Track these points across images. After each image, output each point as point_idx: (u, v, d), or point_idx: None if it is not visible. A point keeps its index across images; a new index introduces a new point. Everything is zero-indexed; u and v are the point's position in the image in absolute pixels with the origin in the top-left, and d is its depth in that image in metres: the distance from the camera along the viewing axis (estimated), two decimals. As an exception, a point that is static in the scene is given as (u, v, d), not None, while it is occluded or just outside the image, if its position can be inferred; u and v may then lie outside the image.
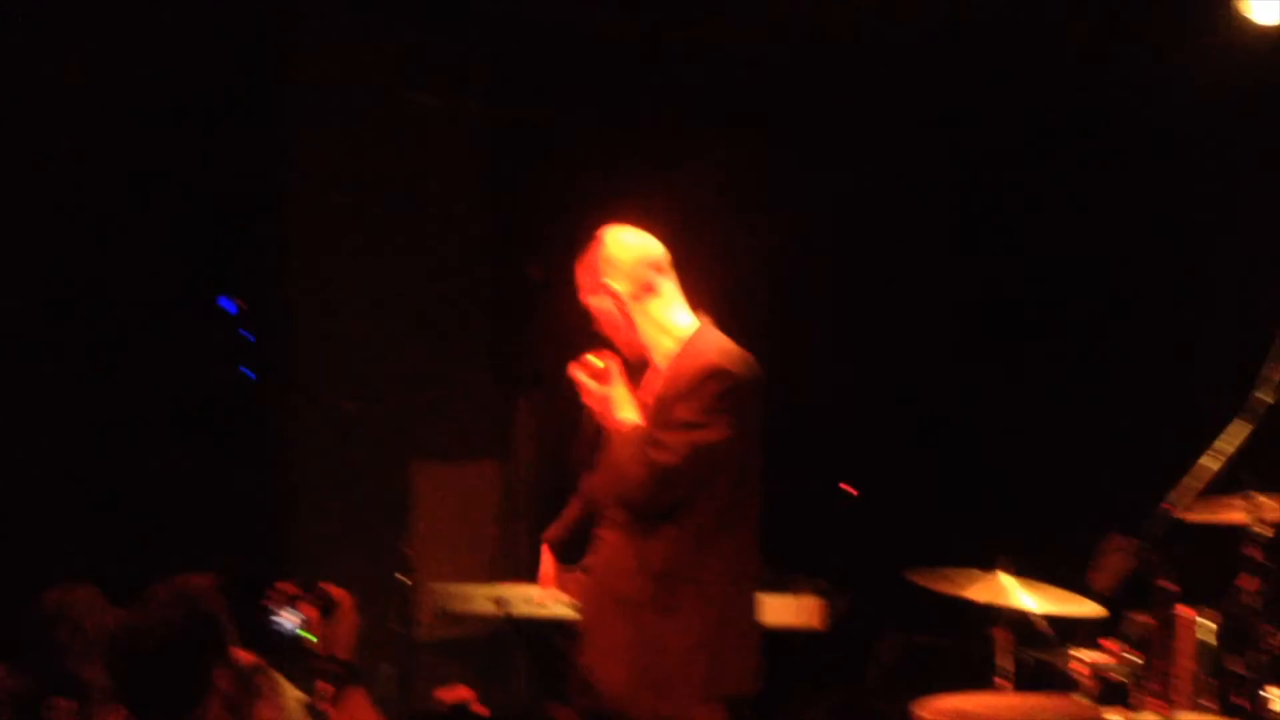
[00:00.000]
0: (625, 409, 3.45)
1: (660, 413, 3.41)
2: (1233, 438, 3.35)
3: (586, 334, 3.65)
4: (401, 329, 5.71)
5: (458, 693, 4.17)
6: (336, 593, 2.77)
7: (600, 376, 3.49)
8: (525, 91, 5.98)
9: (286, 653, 2.78)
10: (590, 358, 3.54)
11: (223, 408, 5.29)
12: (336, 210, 5.61)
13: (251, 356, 5.45)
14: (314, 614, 2.72)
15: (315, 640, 2.73)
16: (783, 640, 4.67)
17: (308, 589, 2.77)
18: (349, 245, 5.65)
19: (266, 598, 2.76)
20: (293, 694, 3.47)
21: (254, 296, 5.45)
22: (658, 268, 3.55)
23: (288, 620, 2.72)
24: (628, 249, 3.56)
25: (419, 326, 5.77)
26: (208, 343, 5.34)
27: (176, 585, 2.63)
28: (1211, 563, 3.84)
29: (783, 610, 4.77)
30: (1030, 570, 4.09)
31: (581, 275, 3.59)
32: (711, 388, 3.37)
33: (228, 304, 5.44)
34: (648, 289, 3.52)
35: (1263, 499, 3.75)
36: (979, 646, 4.10)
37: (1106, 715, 3.70)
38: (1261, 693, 3.53)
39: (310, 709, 3.19)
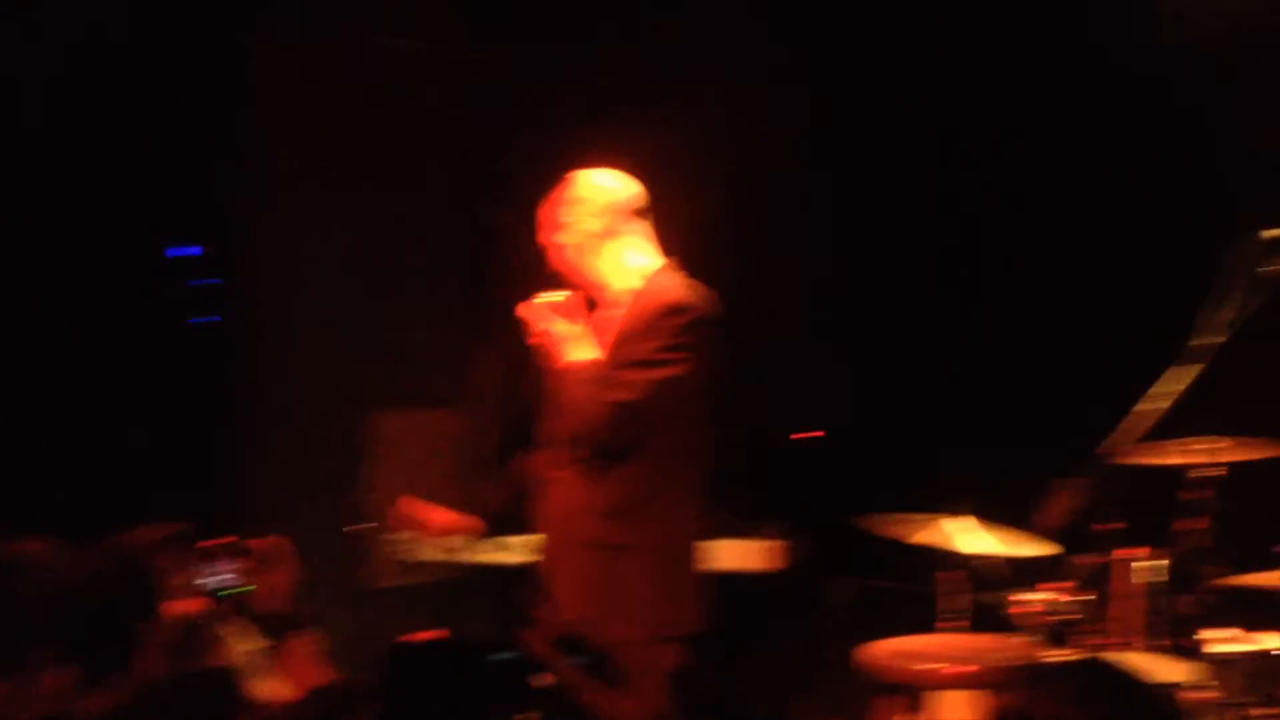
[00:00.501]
0: (579, 347, 3.44)
1: (620, 350, 3.41)
2: (1172, 382, 3.38)
3: (553, 280, 3.63)
4: (366, 275, 5.69)
5: (427, 635, 4.19)
6: (272, 543, 2.78)
7: (554, 313, 3.47)
8: (495, 33, 5.92)
9: (227, 605, 2.80)
10: (544, 295, 3.52)
11: (186, 354, 5.29)
12: (302, 155, 5.57)
13: (216, 303, 5.45)
14: (248, 566, 2.74)
15: (250, 592, 2.74)
16: (739, 583, 4.73)
17: (243, 541, 2.78)
18: (314, 190, 5.61)
19: (203, 552, 2.78)
20: (243, 644, 3.50)
21: (218, 242, 5.44)
22: (630, 211, 3.55)
23: (223, 573, 2.73)
24: (601, 189, 3.56)
25: (383, 273, 5.75)
26: (172, 288, 5.33)
27: (109, 541, 2.64)
28: (1159, 504, 3.89)
29: (740, 554, 4.82)
30: (981, 514, 4.14)
31: (549, 211, 3.58)
32: (671, 323, 3.37)
33: (192, 250, 5.43)
34: (616, 230, 3.52)
35: (1207, 441, 3.80)
36: (931, 590, 4.14)
37: (1050, 656, 3.75)
38: (1210, 636, 3.57)
39: (261, 658, 3.22)
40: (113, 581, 2.56)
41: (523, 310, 3.51)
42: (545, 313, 3.48)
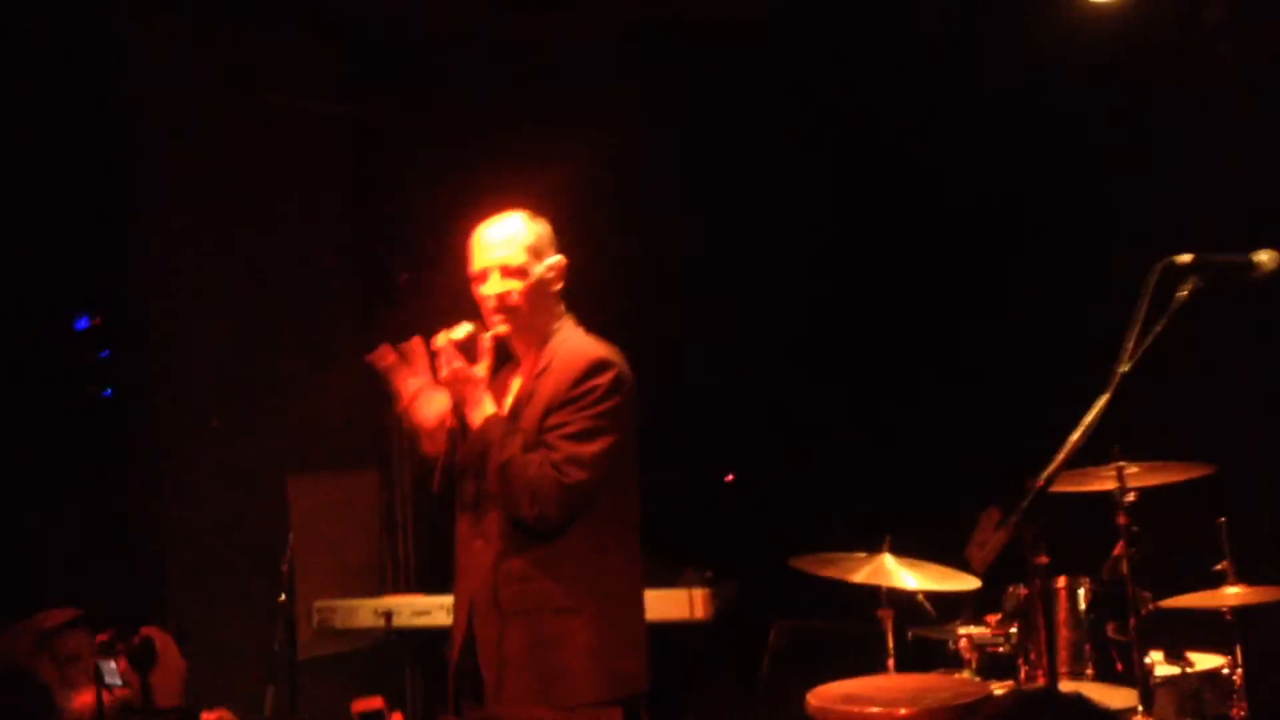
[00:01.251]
0: (483, 393, 3.31)
1: (550, 414, 3.30)
2: (1098, 411, 3.42)
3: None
4: (270, 339, 5.57)
5: (371, 702, 4.03)
6: (149, 640, 2.65)
7: (459, 353, 3.30)
8: (381, 89, 5.87)
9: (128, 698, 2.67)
10: (464, 327, 3.33)
11: (83, 430, 5.11)
12: (195, 218, 5.43)
13: (110, 374, 5.28)
14: (125, 665, 2.61)
15: (129, 689, 2.61)
16: (673, 634, 4.68)
17: (121, 640, 2.65)
18: (210, 254, 5.48)
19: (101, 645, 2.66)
20: None
21: (110, 312, 5.27)
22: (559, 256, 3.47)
23: (106, 673, 2.60)
24: (548, 230, 3.44)
25: (288, 336, 5.63)
26: (64, 363, 5.15)
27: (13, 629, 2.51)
28: (1085, 532, 3.95)
29: (670, 604, 4.78)
30: (912, 550, 4.15)
31: (501, 250, 3.37)
32: (606, 389, 3.29)
33: (81, 322, 5.26)
34: (556, 278, 3.43)
35: (1129, 467, 3.86)
36: (867, 628, 4.14)
37: (995, 689, 3.77)
38: (1145, 660, 3.61)
39: None
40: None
41: (442, 342, 3.31)
42: (451, 352, 3.31)
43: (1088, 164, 5.18)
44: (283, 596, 4.38)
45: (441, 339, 3.33)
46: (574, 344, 3.40)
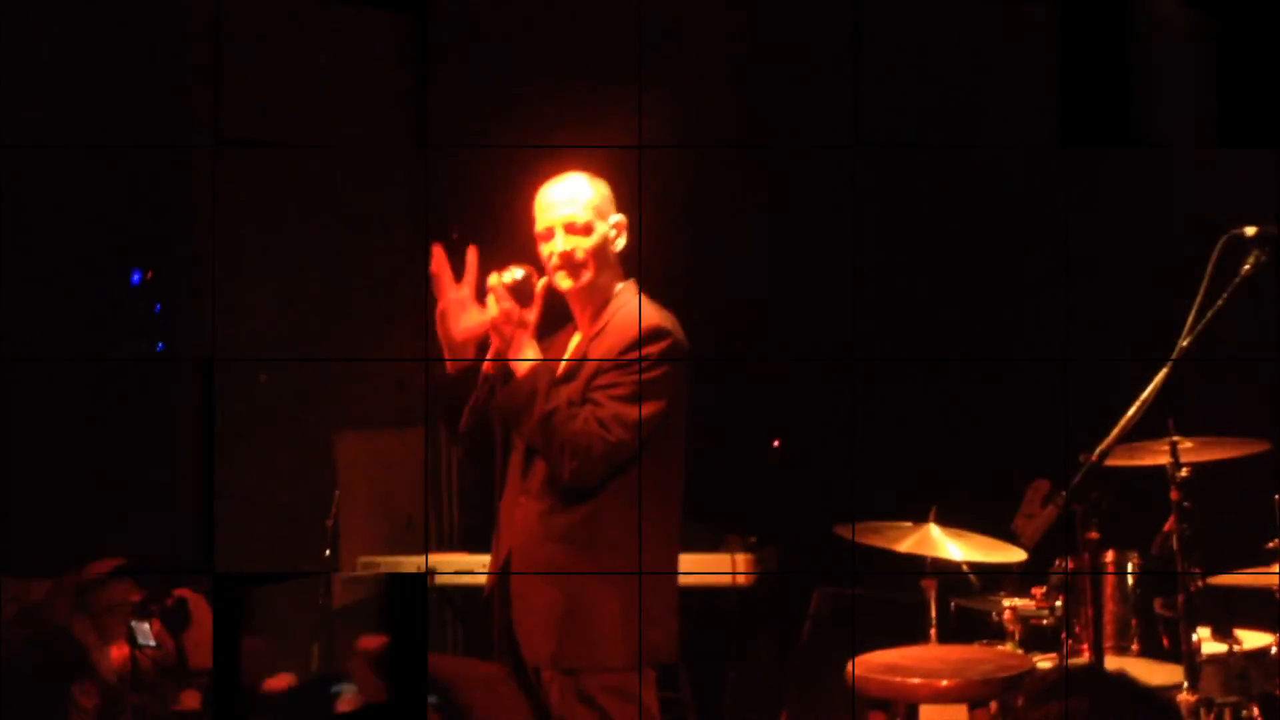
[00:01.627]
0: (529, 340, 3.32)
1: (600, 375, 3.31)
2: (1155, 386, 3.37)
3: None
4: (318, 295, 5.60)
5: (374, 640, 4.04)
6: (180, 603, 2.67)
7: (527, 299, 3.32)
8: (439, 50, 5.86)
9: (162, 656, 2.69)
10: (517, 270, 3.33)
11: (131, 382, 5.16)
12: (248, 175, 5.46)
13: (160, 328, 5.33)
14: (159, 627, 2.63)
15: (162, 651, 2.63)
16: (715, 599, 4.69)
17: (159, 598, 2.67)
18: (261, 210, 5.51)
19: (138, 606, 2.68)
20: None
21: (164, 267, 5.32)
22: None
23: (139, 635, 2.63)
24: (609, 191, 3.45)
25: (336, 292, 5.65)
26: (115, 315, 5.20)
27: (20, 602, 2.53)
28: (1134, 507, 3.90)
29: (713, 569, 4.77)
30: (958, 521, 4.12)
31: (566, 208, 3.39)
32: (658, 356, 3.29)
33: (135, 276, 5.30)
34: (617, 239, 3.45)
35: (1183, 442, 3.81)
36: (910, 598, 4.13)
37: (1039, 663, 3.75)
38: (1192, 637, 3.57)
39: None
40: (28, 649, 2.45)
41: (499, 282, 3.31)
42: (503, 292, 3.32)
43: (1150, 135, 5.09)
44: (327, 552, 4.43)
45: (494, 279, 3.33)
46: (632, 309, 3.39)
